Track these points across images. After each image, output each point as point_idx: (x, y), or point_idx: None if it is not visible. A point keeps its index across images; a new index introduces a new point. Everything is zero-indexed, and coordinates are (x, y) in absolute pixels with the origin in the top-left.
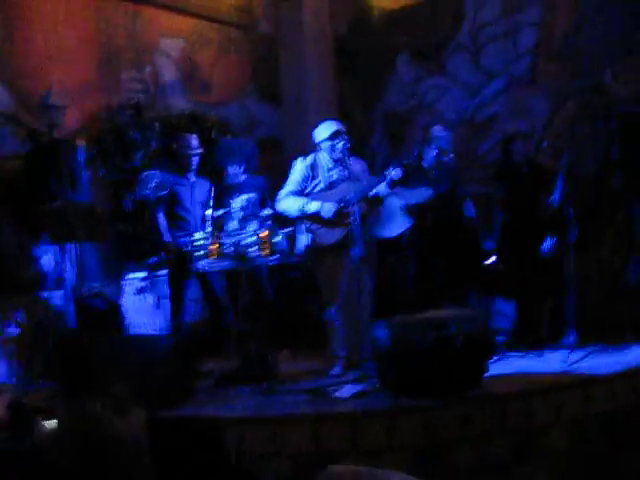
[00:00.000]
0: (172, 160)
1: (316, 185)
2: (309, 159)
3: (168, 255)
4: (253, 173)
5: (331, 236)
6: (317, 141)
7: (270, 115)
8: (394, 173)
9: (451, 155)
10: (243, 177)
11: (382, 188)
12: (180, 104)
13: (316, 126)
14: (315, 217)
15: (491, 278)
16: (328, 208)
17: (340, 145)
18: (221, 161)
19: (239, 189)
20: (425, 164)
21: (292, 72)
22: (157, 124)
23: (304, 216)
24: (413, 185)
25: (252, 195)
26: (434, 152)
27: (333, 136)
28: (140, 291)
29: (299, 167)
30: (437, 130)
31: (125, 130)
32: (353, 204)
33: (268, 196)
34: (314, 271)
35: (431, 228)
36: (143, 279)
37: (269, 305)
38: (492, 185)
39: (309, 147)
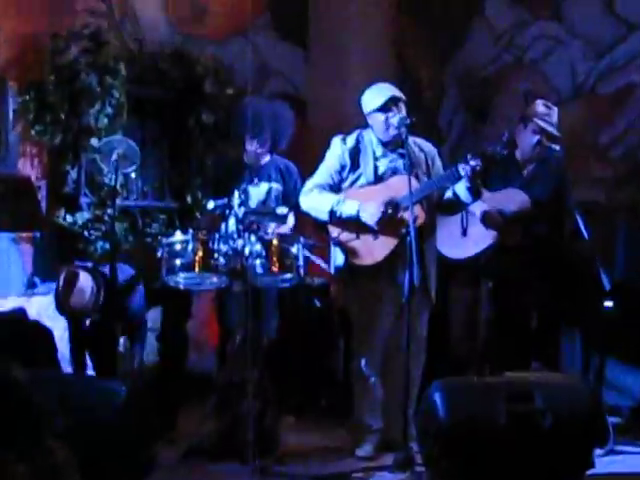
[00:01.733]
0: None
1: (357, 178)
2: (351, 140)
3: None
4: (283, 154)
5: (371, 253)
6: (365, 112)
7: (292, 63)
8: (470, 166)
9: (557, 144)
10: (267, 158)
11: (462, 191)
12: (159, 37)
13: (362, 88)
14: (350, 223)
15: (607, 331)
16: (370, 211)
17: (396, 120)
18: (236, 130)
19: (259, 174)
20: (519, 155)
21: (330, 2)
22: (123, 65)
23: (334, 221)
24: (498, 184)
25: (277, 186)
26: (533, 138)
27: (387, 105)
28: None
29: (336, 150)
30: (540, 105)
31: (76, 71)
32: (407, 208)
33: (298, 190)
34: (344, 302)
35: (522, 249)
36: None
37: (273, 346)
38: (622, 191)
39: (346, 115)
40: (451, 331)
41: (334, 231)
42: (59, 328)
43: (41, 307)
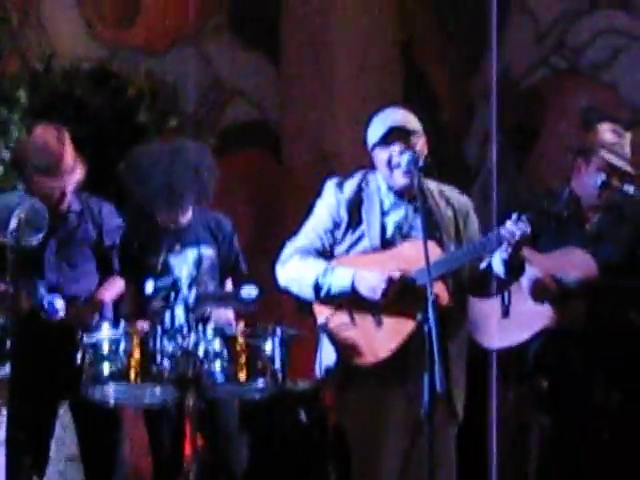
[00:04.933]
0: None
1: (358, 240)
2: (350, 186)
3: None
4: (209, 208)
5: (373, 347)
6: (369, 147)
7: (258, 80)
8: (515, 230)
9: (631, 184)
10: (189, 215)
11: (496, 263)
12: (75, 50)
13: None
14: (344, 302)
15: None
16: (371, 281)
17: (404, 159)
18: (141, 197)
19: (181, 237)
20: (581, 202)
21: None
22: (23, 92)
23: (322, 298)
24: (550, 242)
25: (208, 252)
26: (598, 178)
27: (388, 138)
28: None
29: (329, 201)
30: (606, 131)
31: None
32: (424, 285)
33: (240, 253)
34: (339, 419)
35: (588, 335)
36: None
37: None
38: None
39: (334, 150)
40: (489, 452)
41: (322, 314)
42: None
43: None
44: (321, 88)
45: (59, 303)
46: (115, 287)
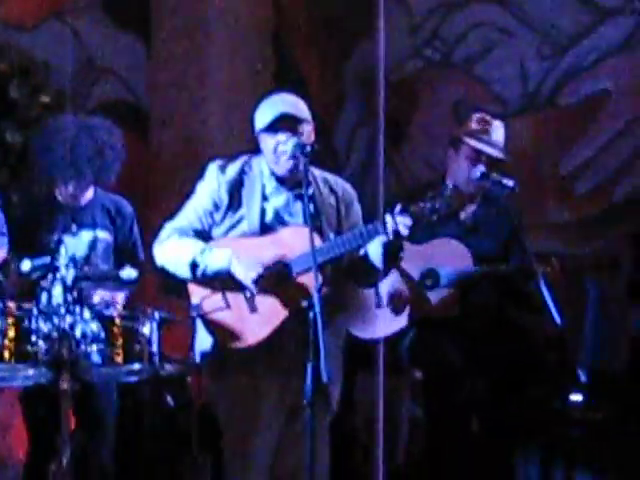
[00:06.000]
0: None
1: (237, 223)
2: (233, 169)
3: None
4: (110, 189)
5: (244, 332)
6: (256, 131)
7: (129, 60)
8: (398, 223)
9: (508, 179)
10: (89, 194)
11: (374, 252)
12: None
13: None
14: (218, 284)
15: (579, 438)
16: (246, 265)
17: (289, 146)
18: (41, 166)
19: (78, 218)
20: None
21: None
22: None
23: (198, 278)
24: (426, 232)
25: (104, 235)
26: (476, 170)
27: (276, 125)
28: None
29: (210, 183)
30: (473, 120)
31: None
32: (301, 273)
33: (138, 238)
34: (212, 403)
35: (460, 326)
36: None
37: (112, 468)
38: (590, 242)
39: (203, 133)
40: (359, 438)
41: (196, 296)
42: None
43: None
44: (192, 72)
45: None
46: None
